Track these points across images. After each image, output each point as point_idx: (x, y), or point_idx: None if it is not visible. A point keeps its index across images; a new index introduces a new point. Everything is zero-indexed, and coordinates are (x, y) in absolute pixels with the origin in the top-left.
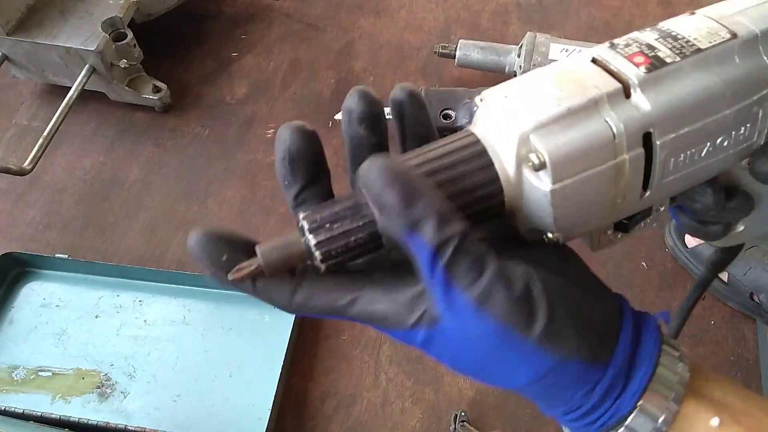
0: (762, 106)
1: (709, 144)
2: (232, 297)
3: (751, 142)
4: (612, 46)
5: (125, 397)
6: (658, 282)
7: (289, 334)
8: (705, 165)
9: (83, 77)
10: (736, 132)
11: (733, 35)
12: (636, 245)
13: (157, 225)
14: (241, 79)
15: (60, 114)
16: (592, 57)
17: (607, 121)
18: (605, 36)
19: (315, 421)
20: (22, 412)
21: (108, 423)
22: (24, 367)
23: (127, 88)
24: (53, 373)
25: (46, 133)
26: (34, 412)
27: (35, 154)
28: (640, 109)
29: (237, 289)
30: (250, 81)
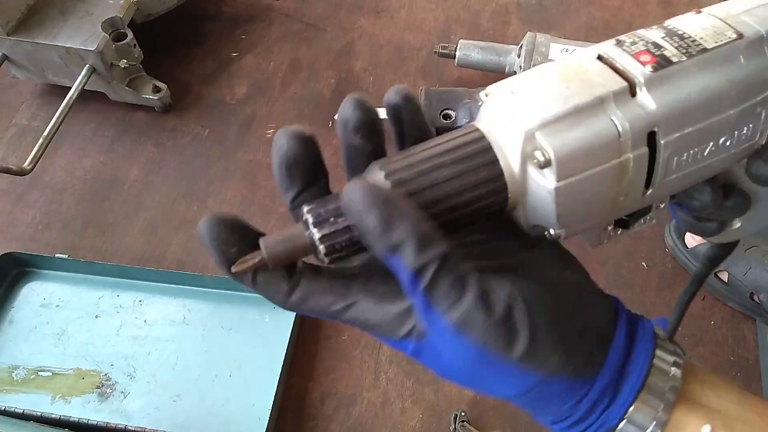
0: (765, 107)
1: (712, 143)
2: (232, 297)
3: (753, 142)
4: (618, 43)
5: (125, 397)
6: (658, 282)
7: (289, 334)
8: (707, 164)
9: (83, 77)
10: (738, 132)
11: (739, 35)
12: (636, 245)
13: (157, 225)
14: (241, 79)
15: (60, 114)
16: (598, 54)
17: (613, 120)
18: (605, 36)
19: (315, 421)
20: (22, 412)
21: (108, 423)
22: (24, 367)
23: (127, 88)
24: (53, 373)
25: (46, 133)
26: (34, 412)
27: (35, 154)
28: (645, 108)
29: (237, 281)
30: (250, 81)
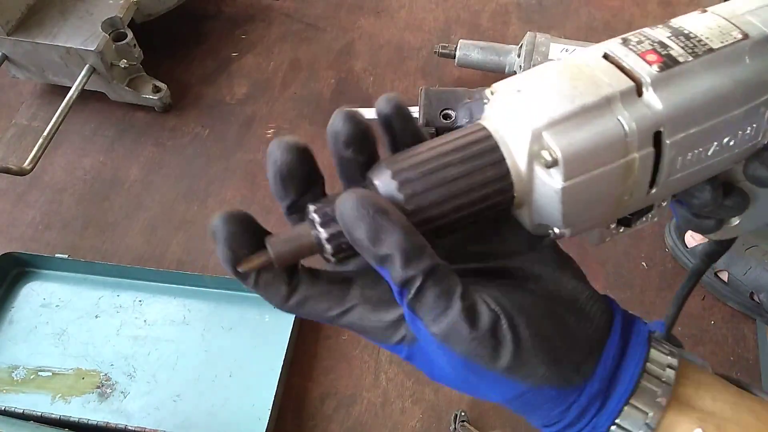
0: None
1: (716, 143)
2: (232, 297)
3: (755, 141)
4: (624, 42)
5: (125, 397)
6: (658, 282)
7: (289, 334)
8: (710, 163)
9: (83, 77)
10: (742, 132)
11: (744, 36)
12: (636, 245)
13: (157, 225)
14: (241, 79)
15: (60, 114)
16: (604, 52)
17: (620, 120)
18: (605, 36)
19: (315, 421)
20: (22, 412)
21: (108, 423)
22: (24, 367)
23: (127, 88)
24: (53, 373)
25: (46, 133)
26: (34, 412)
27: (35, 154)
28: (651, 108)
29: (240, 280)
30: (250, 81)
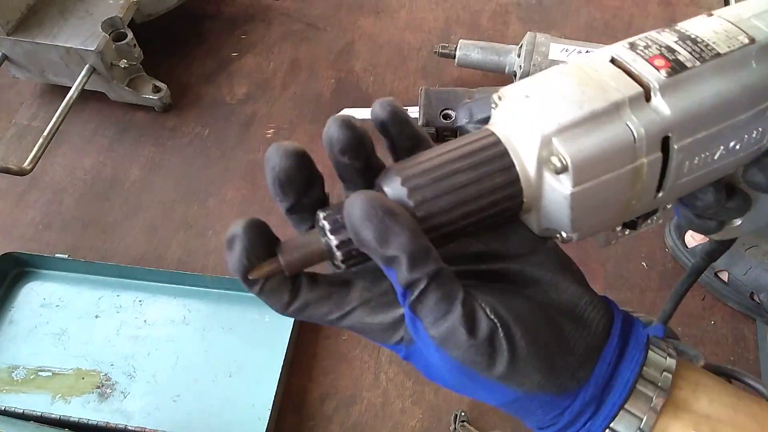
0: None
1: (723, 147)
2: (232, 297)
3: (760, 145)
4: (632, 46)
5: (125, 397)
6: (658, 282)
7: (289, 334)
8: (716, 167)
9: (83, 77)
10: (748, 135)
11: (751, 40)
12: (636, 245)
13: (157, 225)
14: (241, 79)
15: (60, 114)
16: (611, 56)
17: (629, 126)
18: (605, 36)
19: (315, 421)
20: (22, 412)
21: (108, 423)
22: (24, 367)
23: (127, 88)
24: (53, 373)
25: (46, 133)
26: (34, 412)
27: (35, 154)
28: (660, 114)
29: (247, 286)
30: (250, 81)
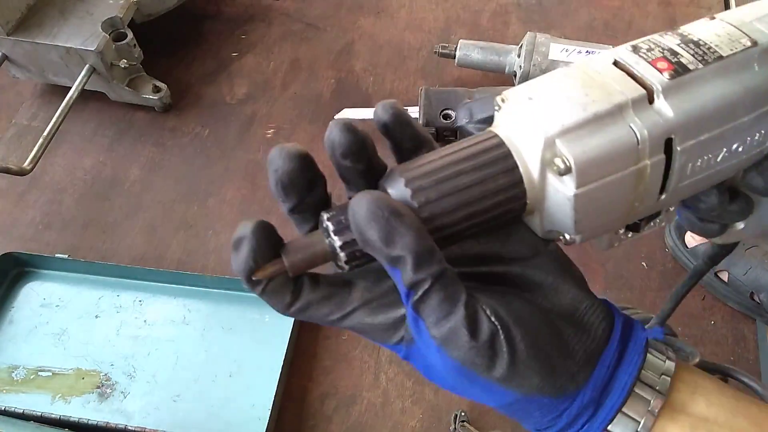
0: None
1: (726, 150)
2: (232, 297)
3: (763, 147)
4: (634, 49)
5: (125, 397)
6: (659, 282)
7: (289, 334)
8: (719, 169)
9: (83, 77)
10: (751, 138)
11: (753, 43)
12: (636, 245)
13: (157, 225)
14: (241, 79)
15: (60, 114)
16: (614, 59)
17: (632, 127)
18: (605, 36)
19: (315, 421)
20: (22, 412)
21: (108, 423)
22: (24, 367)
23: (127, 88)
24: (53, 373)
25: (46, 133)
26: (34, 412)
27: (35, 154)
28: (663, 116)
29: (249, 286)
30: (250, 81)
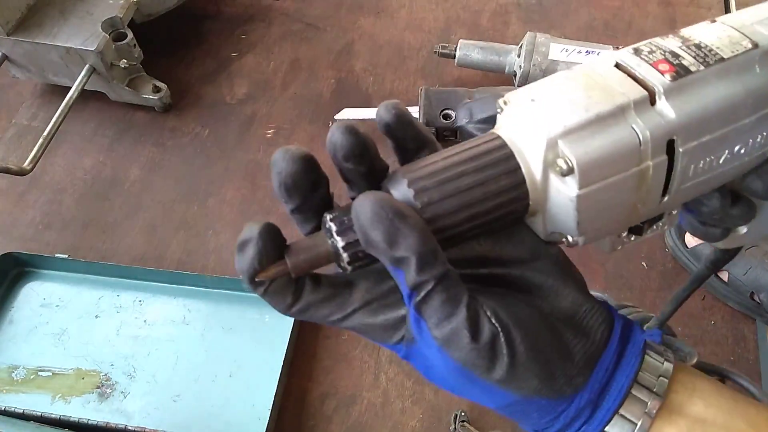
0: None
1: (728, 152)
2: (232, 297)
3: (765, 149)
4: (636, 51)
5: (125, 397)
6: (659, 282)
7: (289, 334)
8: (721, 171)
9: (83, 77)
10: (753, 140)
11: (754, 45)
12: (636, 245)
13: (157, 225)
14: (241, 79)
15: (60, 114)
16: (615, 62)
17: (634, 129)
18: (605, 36)
19: (315, 421)
20: (22, 412)
21: (108, 423)
22: (24, 367)
23: (127, 88)
24: (53, 373)
25: (46, 133)
26: (34, 412)
27: (35, 154)
28: (665, 117)
29: (251, 287)
30: (250, 81)
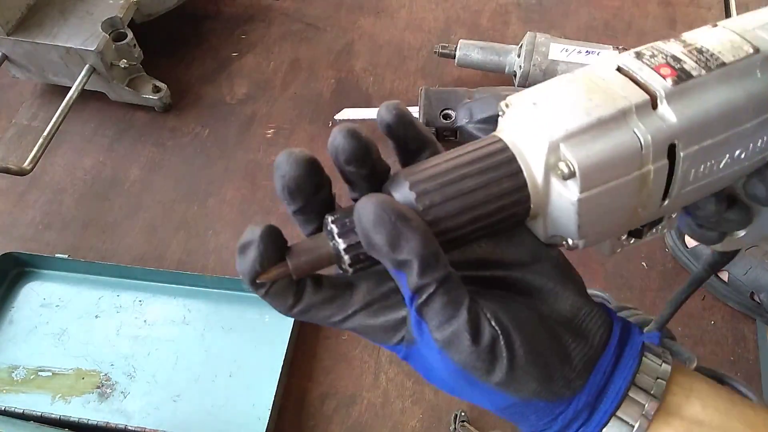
0: None
1: (728, 156)
2: (232, 297)
3: (765, 154)
4: (638, 55)
5: (125, 397)
6: (659, 282)
7: (289, 334)
8: (721, 176)
9: (83, 77)
10: (753, 144)
11: (755, 50)
12: (636, 245)
13: (157, 225)
14: (241, 79)
15: (60, 114)
16: (617, 65)
17: (636, 133)
18: (605, 36)
19: (315, 421)
20: (22, 412)
21: (108, 423)
22: (24, 367)
23: (127, 88)
24: (53, 373)
25: (46, 133)
26: (34, 412)
27: (35, 154)
28: (666, 121)
29: (252, 288)
30: (250, 81)
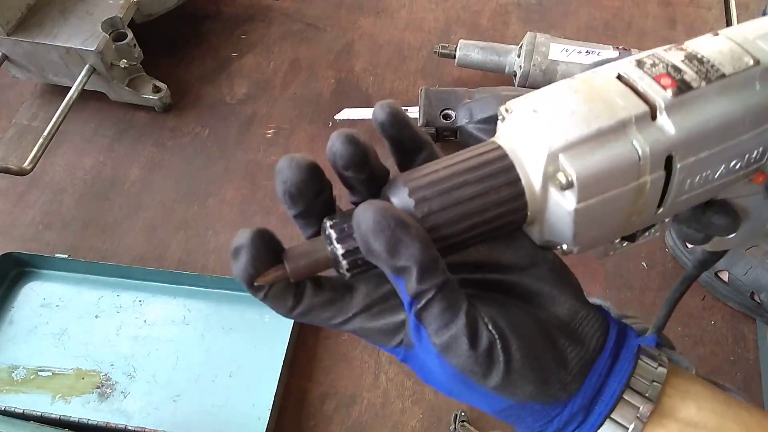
0: None
1: (724, 166)
2: (232, 297)
3: (759, 164)
4: (639, 63)
5: (125, 397)
6: (659, 282)
7: (289, 334)
8: (716, 185)
9: (83, 77)
10: (749, 154)
11: (756, 62)
12: (636, 245)
13: (157, 225)
14: (241, 79)
15: (60, 114)
16: (618, 73)
17: (634, 144)
18: (605, 36)
19: (315, 421)
20: (22, 412)
21: (108, 423)
22: (24, 367)
23: (127, 88)
24: (53, 373)
25: (46, 133)
26: (34, 412)
27: (35, 154)
28: (664, 133)
29: (251, 291)
30: (250, 81)
